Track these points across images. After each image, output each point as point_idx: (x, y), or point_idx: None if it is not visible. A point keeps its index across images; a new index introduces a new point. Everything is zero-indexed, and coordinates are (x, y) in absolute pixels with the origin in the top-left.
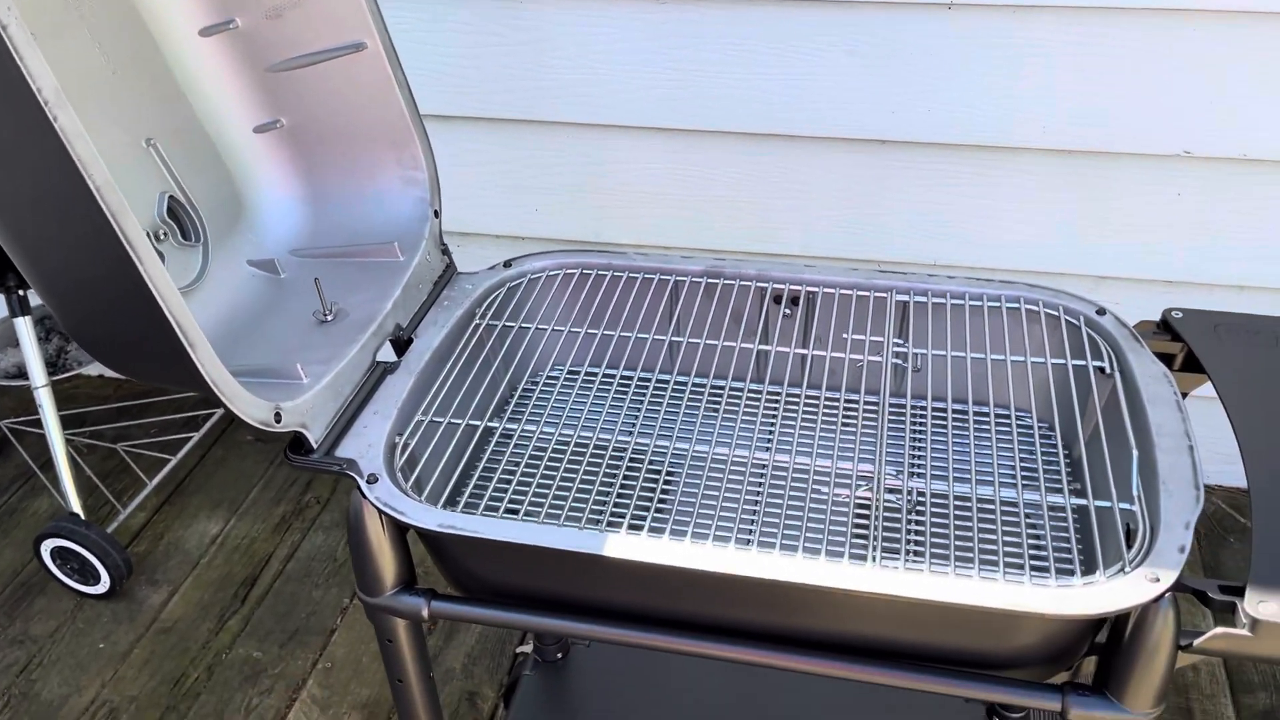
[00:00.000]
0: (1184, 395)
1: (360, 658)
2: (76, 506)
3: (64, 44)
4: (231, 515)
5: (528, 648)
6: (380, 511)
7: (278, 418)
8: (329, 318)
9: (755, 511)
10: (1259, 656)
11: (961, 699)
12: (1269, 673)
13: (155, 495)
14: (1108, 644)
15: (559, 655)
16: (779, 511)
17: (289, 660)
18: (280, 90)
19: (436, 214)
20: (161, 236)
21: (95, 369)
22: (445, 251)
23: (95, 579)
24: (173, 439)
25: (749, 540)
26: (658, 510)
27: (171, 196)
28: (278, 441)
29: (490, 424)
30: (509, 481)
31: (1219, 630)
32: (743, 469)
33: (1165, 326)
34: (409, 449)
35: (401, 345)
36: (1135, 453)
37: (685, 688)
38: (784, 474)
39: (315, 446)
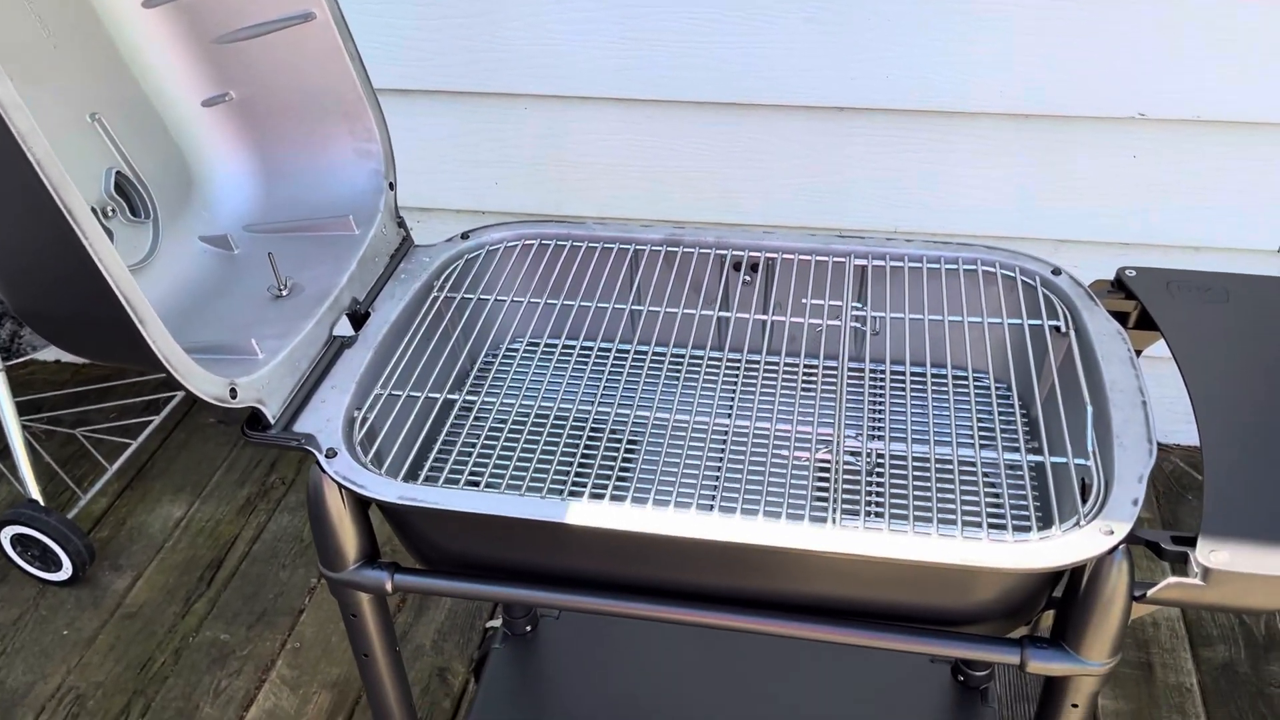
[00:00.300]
0: (1138, 352)
1: (329, 637)
2: (35, 493)
3: (2, 16)
4: (195, 498)
5: (497, 622)
6: (340, 486)
7: (233, 393)
8: (284, 293)
9: (717, 476)
10: (1212, 605)
11: (928, 659)
12: (1227, 626)
13: (116, 480)
14: (1064, 597)
15: (528, 628)
16: (740, 476)
17: (257, 642)
18: (228, 62)
19: (392, 186)
20: (110, 213)
21: (51, 354)
22: (401, 224)
23: (57, 566)
24: (133, 423)
25: (711, 505)
26: (620, 478)
27: (119, 172)
28: (239, 424)
29: (450, 396)
30: (470, 453)
31: (1172, 580)
32: (704, 435)
33: (1119, 285)
34: (368, 423)
35: (358, 319)
36: (1090, 409)
37: (654, 656)
38: (745, 439)
39: (272, 422)
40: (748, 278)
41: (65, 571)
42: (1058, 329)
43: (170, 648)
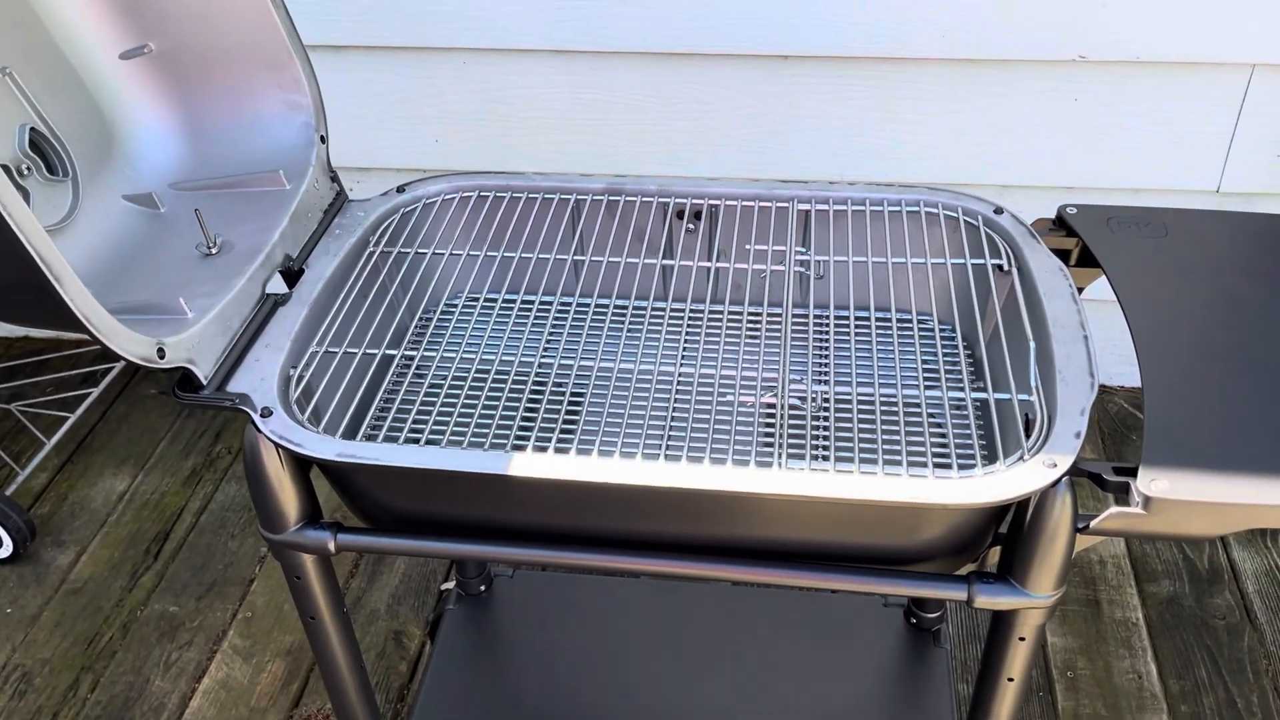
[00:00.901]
0: (1080, 289)
1: (282, 605)
2: None
3: None
4: (139, 471)
5: (451, 583)
6: (276, 445)
7: (161, 353)
8: (213, 251)
9: (663, 423)
10: (1153, 534)
11: (881, 603)
12: (1171, 561)
13: (55, 455)
14: (1010, 532)
15: (482, 588)
16: (686, 422)
17: (207, 613)
18: (145, 13)
19: (323, 139)
20: (25, 171)
21: None
22: (335, 178)
23: None
24: (71, 396)
25: (657, 452)
26: (565, 429)
27: (33, 129)
28: (171, 386)
29: (390, 352)
30: (411, 409)
31: (1114, 510)
32: (649, 383)
33: (1061, 223)
34: (304, 381)
35: (292, 276)
36: (1032, 345)
37: (609, 611)
38: (690, 385)
39: (205, 382)
40: (691, 226)
41: (5, 549)
42: (1000, 268)
43: (118, 622)
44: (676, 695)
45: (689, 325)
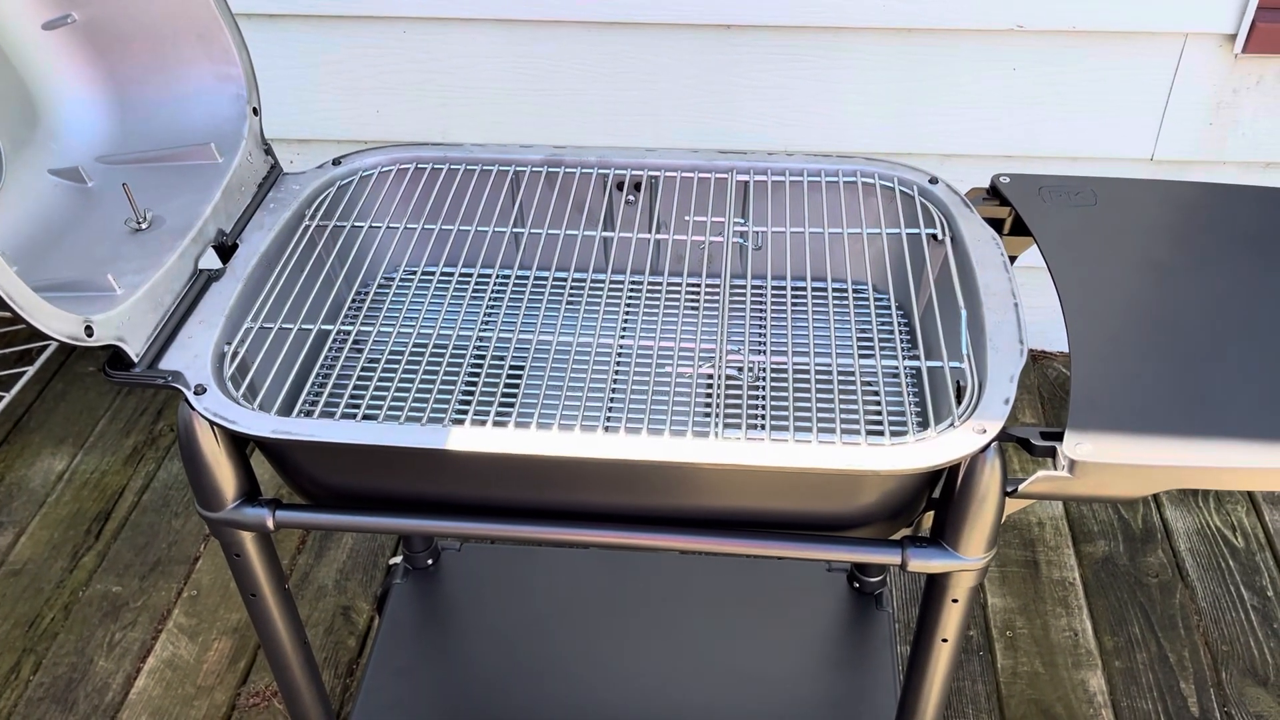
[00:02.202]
0: (1013, 258)
1: (227, 583)
2: None
3: None
4: (78, 450)
5: (398, 558)
6: (211, 423)
7: (89, 331)
8: (143, 226)
9: (602, 396)
10: (1080, 496)
11: (825, 568)
12: (1107, 522)
13: None
14: (941, 496)
15: (429, 562)
16: (625, 394)
17: (151, 592)
18: None
19: (256, 111)
20: None
21: None
22: (269, 151)
23: None
24: (5, 374)
25: (595, 423)
26: (505, 402)
27: None
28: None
29: (326, 327)
30: (347, 384)
31: (1042, 474)
32: (588, 355)
33: (994, 192)
34: (239, 357)
35: (226, 251)
36: (964, 313)
37: (556, 583)
38: (629, 357)
39: (136, 360)
40: (631, 197)
41: None
42: (935, 237)
43: (59, 603)
44: (624, 664)
45: (629, 297)
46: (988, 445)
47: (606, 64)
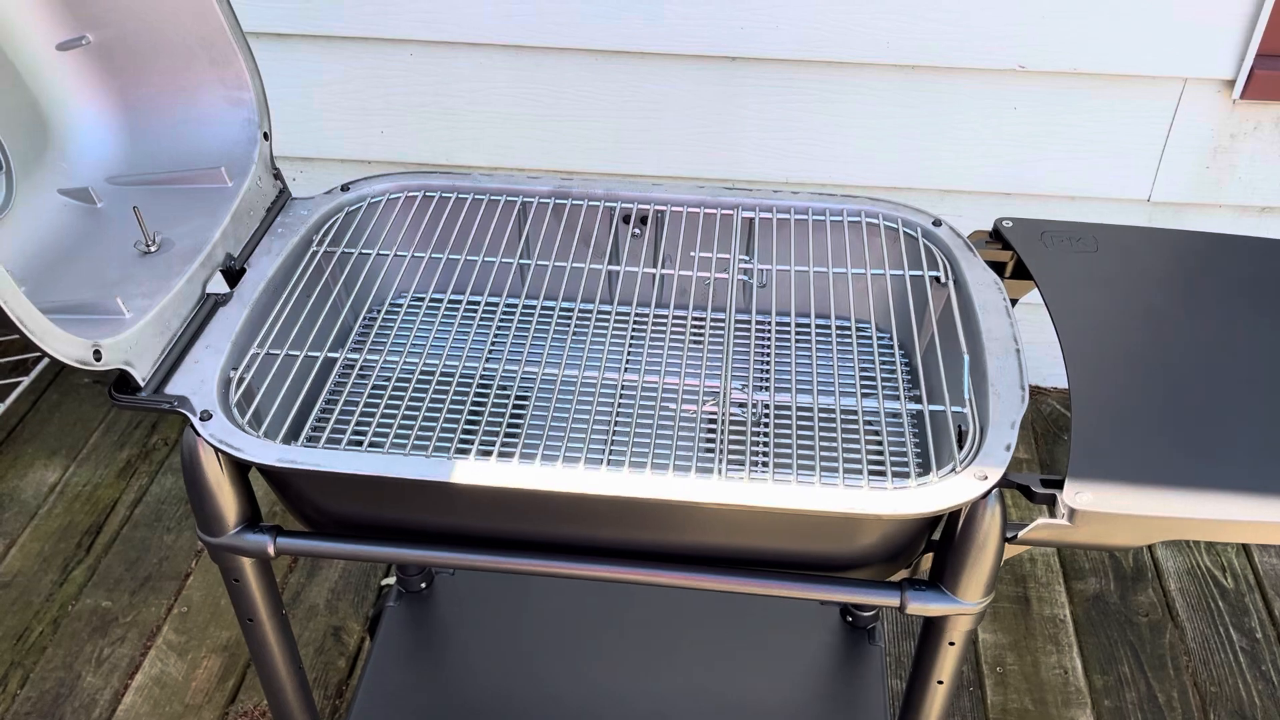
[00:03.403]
0: (1014, 301)
1: (219, 600)
2: None
3: None
4: (71, 462)
5: (392, 580)
6: (216, 449)
7: (97, 355)
8: (152, 249)
9: (606, 431)
10: (1078, 544)
11: (817, 603)
12: (1098, 560)
13: None
14: (942, 540)
15: (423, 585)
16: (629, 430)
17: (141, 608)
18: (84, 3)
19: (266, 136)
20: None
21: None
22: (278, 176)
23: None
24: (0, 384)
25: (600, 459)
26: (509, 435)
27: None
28: (102, 377)
29: (332, 355)
30: (353, 413)
31: (1041, 521)
32: (593, 389)
33: (996, 236)
34: (244, 383)
35: (234, 276)
36: (966, 357)
37: (551, 611)
38: (634, 393)
39: (142, 384)
40: (637, 230)
41: None
42: (938, 279)
43: (48, 617)
44: (616, 691)
45: (634, 331)
46: (989, 492)
47: (611, 92)
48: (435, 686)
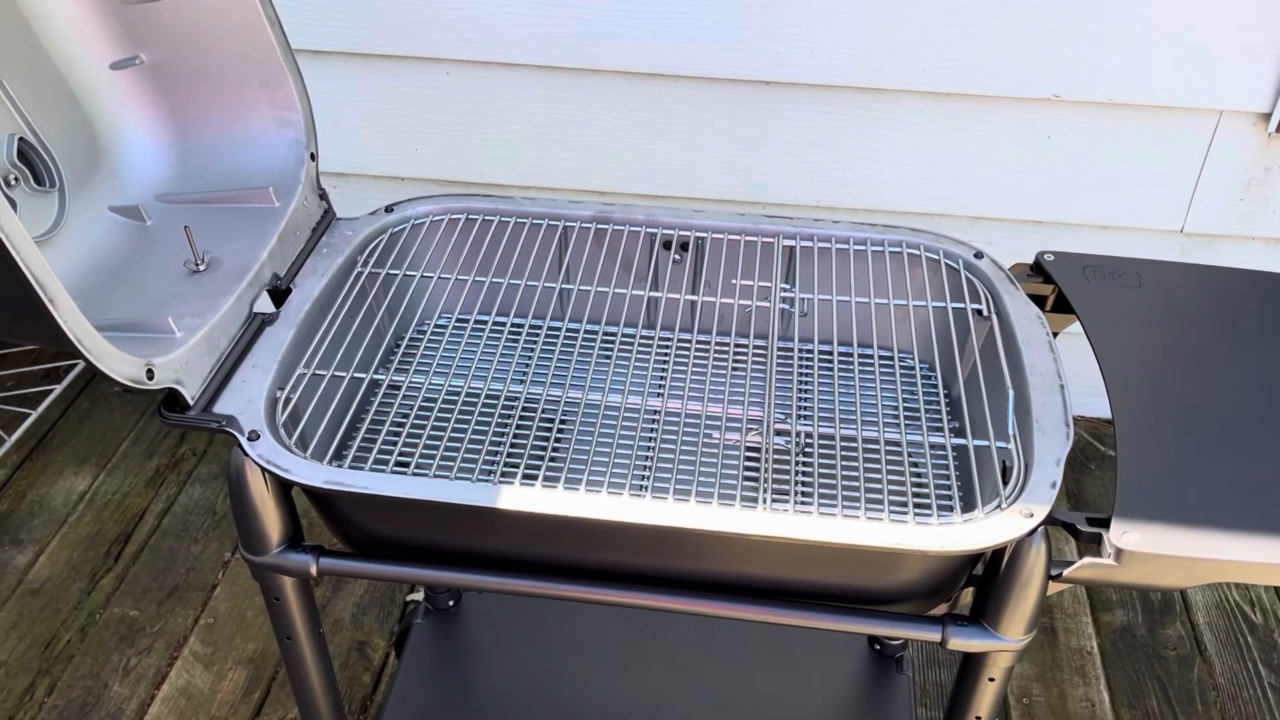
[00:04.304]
0: (1055, 334)
1: (244, 612)
2: None
3: None
4: (100, 470)
5: (418, 596)
6: (263, 469)
7: (150, 374)
8: (201, 267)
9: (648, 459)
10: (1124, 584)
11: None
12: (1126, 592)
13: (15, 452)
14: (984, 576)
15: (450, 603)
16: (672, 458)
17: (168, 618)
18: (138, 23)
19: (313, 157)
20: (12, 182)
21: None
22: (323, 196)
23: None
24: (32, 392)
25: (642, 488)
26: (550, 460)
27: (21, 138)
28: (146, 393)
29: (377, 376)
30: (397, 435)
31: (1087, 560)
32: (635, 416)
33: (1038, 269)
34: (291, 403)
35: (280, 295)
36: (1011, 393)
37: (578, 631)
38: (675, 420)
39: (191, 403)
40: (677, 256)
41: None
42: (980, 312)
43: (76, 625)
44: (641, 715)
45: (676, 358)
46: (1035, 530)
47: (644, 114)
48: (462, 705)
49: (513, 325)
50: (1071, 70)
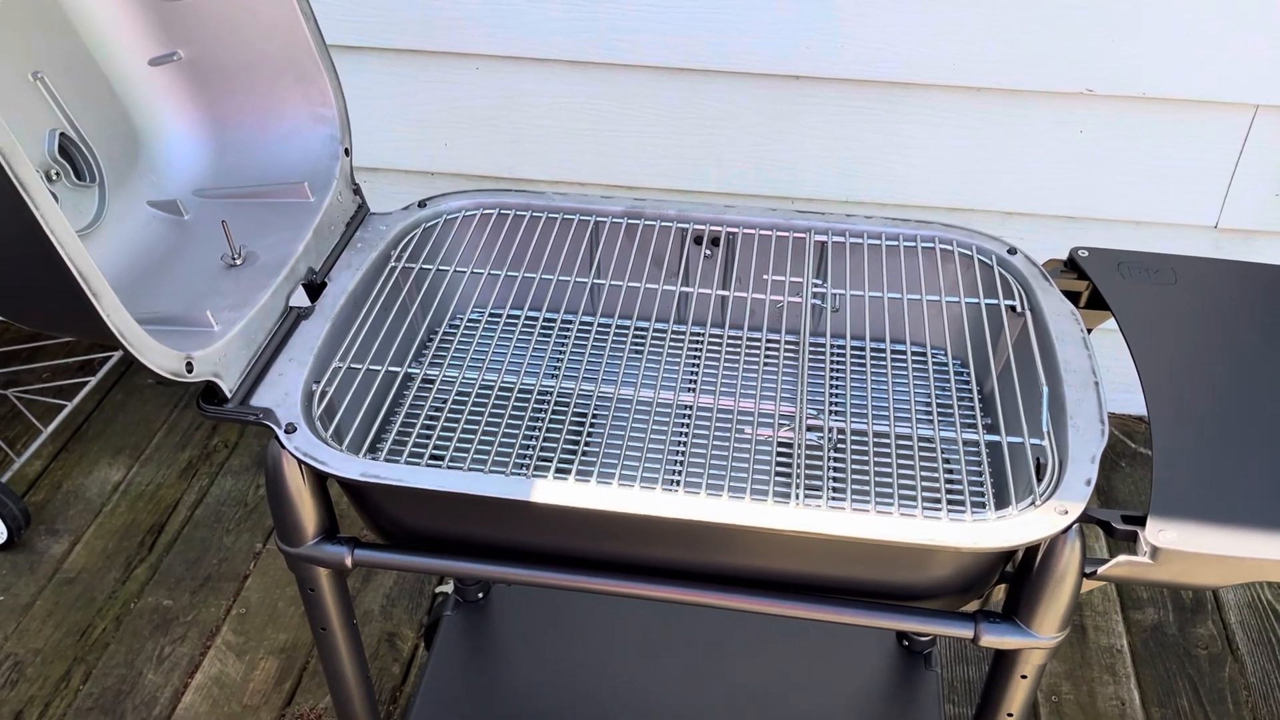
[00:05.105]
0: (1089, 330)
1: (275, 603)
2: None
3: None
4: (134, 461)
5: (448, 588)
6: (300, 462)
7: (189, 367)
8: (238, 262)
9: (680, 454)
10: (1159, 582)
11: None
12: (1157, 590)
13: (51, 443)
14: (1017, 573)
15: (480, 595)
16: (703, 454)
17: (201, 607)
18: (176, 20)
19: (347, 152)
20: (54, 176)
21: None
22: (357, 191)
23: None
24: (67, 384)
25: (675, 482)
26: (583, 455)
27: (63, 134)
28: (180, 385)
29: (410, 370)
30: (431, 428)
31: (1122, 558)
32: (666, 411)
33: (1072, 265)
34: (327, 396)
35: (315, 289)
36: (1045, 389)
37: (607, 624)
38: (707, 415)
39: (229, 396)
40: (708, 252)
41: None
42: (1014, 309)
43: (111, 614)
44: (670, 708)
45: (708, 353)
46: (1069, 527)
47: (674, 108)
48: (491, 696)
49: (544, 320)
50: (1105, 64)
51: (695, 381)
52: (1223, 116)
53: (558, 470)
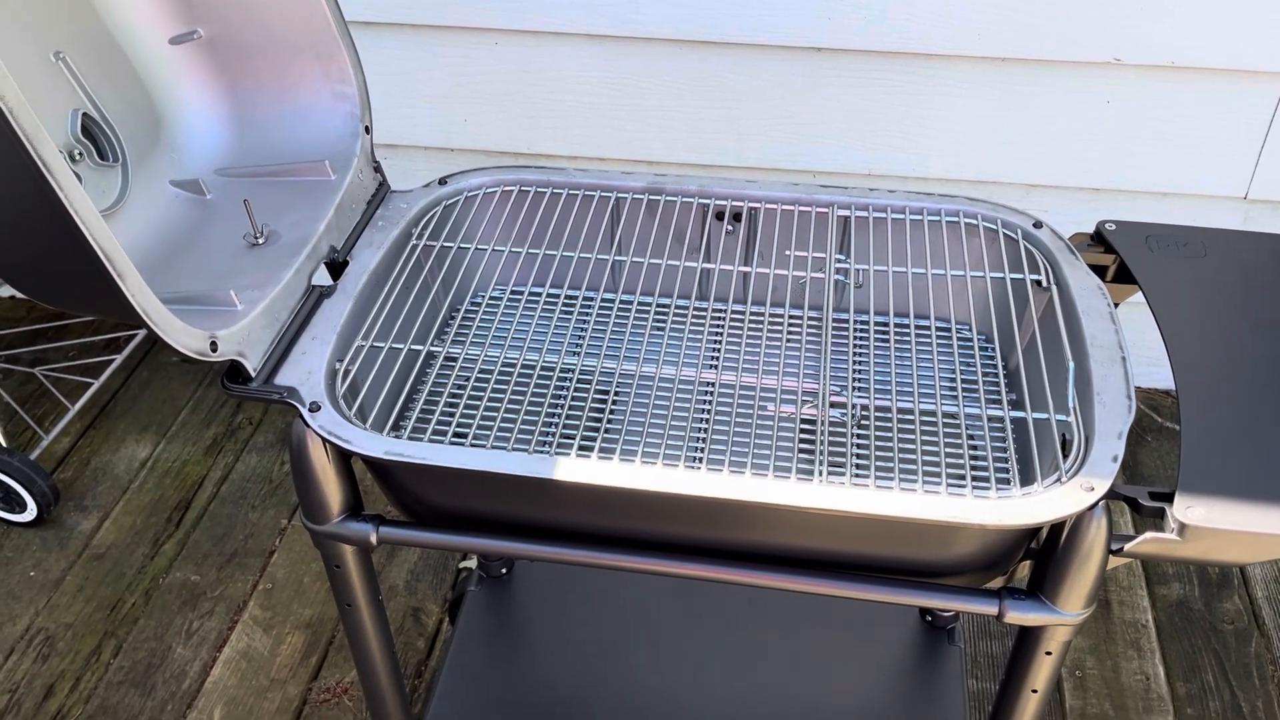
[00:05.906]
0: (1116, 305)
1: (301, 578)
2: None
3: None
4: (161, 438)
5: (471, 564)
6: (324, 440)
7: (214, 346)
8: (260, 240)
9: (702, 431)
10: (1186, 559)
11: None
12: (1183, 565)
13: (79, 420)
14: (1043, 549)
15: (503, 570)
16: (726, 430)
17: (228, 583)
18: None
19: (368, 130)
20: (77, 156)
21: (6, 289)
22: (378, 169)
23: (21, 506)
24: (94, 361)
25: (697, 460)
26: (606, 432)
27: (85, 114)
28: (206, 364)
29: (432, 348)
30: (454, 406)
31: (1149, 535)
32: (689, 388)
33: (1099, 238)
34: (350, 375)
35: (337, 268)
36: (1071, 365)
37: (629, 600)
38: (730, 392)
39: (253, 375)
40: (730, 227)
41: (30, 513)
42: (1039, 283)
43: (140, 589)
44: (693, 685)
45: (730, 329)
46: (1096, 504)
47: (694, 81)
48: (516, 671)
49: (565, 298)
50: (1133, 33)
51: (717, 358)
52: (1253, 85)
53: (580, 448)
